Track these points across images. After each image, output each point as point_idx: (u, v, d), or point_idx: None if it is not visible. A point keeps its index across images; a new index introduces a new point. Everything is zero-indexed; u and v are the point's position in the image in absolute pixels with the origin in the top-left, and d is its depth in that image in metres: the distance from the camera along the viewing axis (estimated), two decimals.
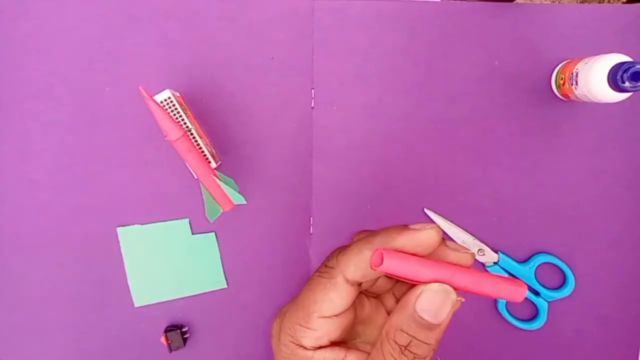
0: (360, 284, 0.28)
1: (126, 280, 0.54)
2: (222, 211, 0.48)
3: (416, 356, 0.25)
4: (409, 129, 0.54)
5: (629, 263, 0.54)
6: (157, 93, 0.48)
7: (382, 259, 0.25)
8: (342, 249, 0.28)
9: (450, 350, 0.55)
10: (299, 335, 0.28)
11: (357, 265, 0.27)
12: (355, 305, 0.29)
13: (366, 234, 0.29)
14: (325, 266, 0.29)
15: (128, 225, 0.53)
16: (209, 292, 0.54)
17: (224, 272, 0.53)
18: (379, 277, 0.30)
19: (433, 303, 0.25)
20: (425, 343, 0.25)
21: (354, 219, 0.54)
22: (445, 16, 0.53)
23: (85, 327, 0.54)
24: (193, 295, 0.54)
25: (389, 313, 0.32)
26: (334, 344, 0.28)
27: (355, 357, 0.28)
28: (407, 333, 0.25)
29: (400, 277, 0.26)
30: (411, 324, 0.25)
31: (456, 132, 0.54)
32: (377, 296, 0.32)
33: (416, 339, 0.25)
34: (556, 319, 0.55)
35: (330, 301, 0.27)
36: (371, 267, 0.26)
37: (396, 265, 0.25)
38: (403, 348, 0.25)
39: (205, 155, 0.49)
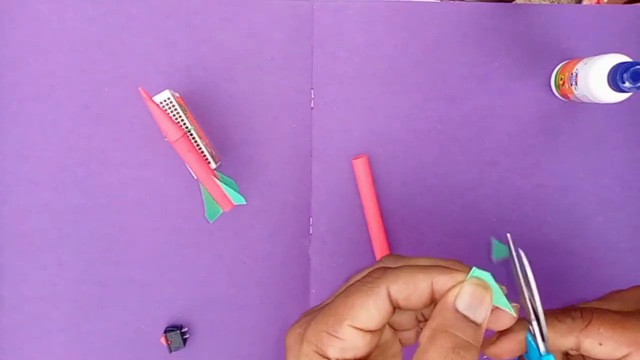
0: (394, 310, 0.27)
1: (126, 279, 0.54)
2: (222, 211, 0.48)
3: (464, 358, 0.25)
4: (408, 129, 0.54)
5: (629, 263, 0.54)
6: (156, 93, 0.48)
7: None
8: (390, 268, 0.28)
9: None
10: (325, 344, 0.26)
11: (406, 283, 0.26)
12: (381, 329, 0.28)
13: (395, 257, 0.29)
14: (370, 276, 0.27)
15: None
16: (209, 291, 0.54)
17: None
18: (416, 309, 0.28)
19: (473, 298, 0.25)
20: (472, 344, 0.25)
21: (353, 219, 0.54)
22: (445, 16, 0.53)
23: (85, 327, 0.54)
24: (192, 295, 0.54)
25: (403, 346, 0.31)
26: None
27: None
28: (452, 332, 0.25)
29: None
30: (455, 322, 0.25)
31: (456, 132, 0.54)
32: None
33: (462, 338, 0.25)
34: None
35: (367, 310, 0.26)
36: None
37: None
38: (451, 350, 0.24)
39: (204, 155, 0.49)
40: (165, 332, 0.53)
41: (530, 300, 0.27)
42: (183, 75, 0.53)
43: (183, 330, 0.54)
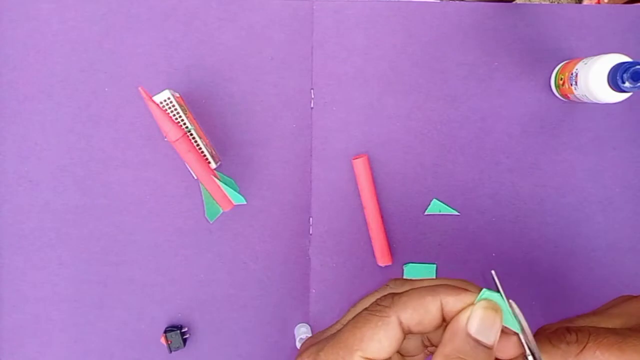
0: (405, 336, 0.27)
1: (126, 279, 0.54)
2: (222, 211, 0.48)
3: None
4: (408, 129, 0.54)
5: (629, 263, 0.54)
6: (156, 93, 0.48)
7: None
8: (397, 293, 0.28)
9: None
10: None
11: (416, 309, 0.26)
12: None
13: (402, 282, 0.29)
14: (378, 305, 0.27)
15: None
16: (209, 291, 0.54)
17: None
18: (428, 332, 0.28)
19: (484, 322, 0.25)
20: None
21: (353, 219, 0.54)
22: (445, 16, 0.53)
23: (85, 327, 0.54)
24: (192, 295, 0.54)
25: None
26: None
27: None
28: (465, 359, 0.24)
29: None
30: (468, 348, 0.25)
31: (456, 132, 0.54)
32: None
33: None
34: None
35: (378, 341, 0.26)
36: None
37: None
38: None
39: (204, 155, 0.49)
40: (165, 332, 0.53)
41: (524, 338, 0.26)
42: (183, 75, 0.53)
43: (183, 330, 0.54)
